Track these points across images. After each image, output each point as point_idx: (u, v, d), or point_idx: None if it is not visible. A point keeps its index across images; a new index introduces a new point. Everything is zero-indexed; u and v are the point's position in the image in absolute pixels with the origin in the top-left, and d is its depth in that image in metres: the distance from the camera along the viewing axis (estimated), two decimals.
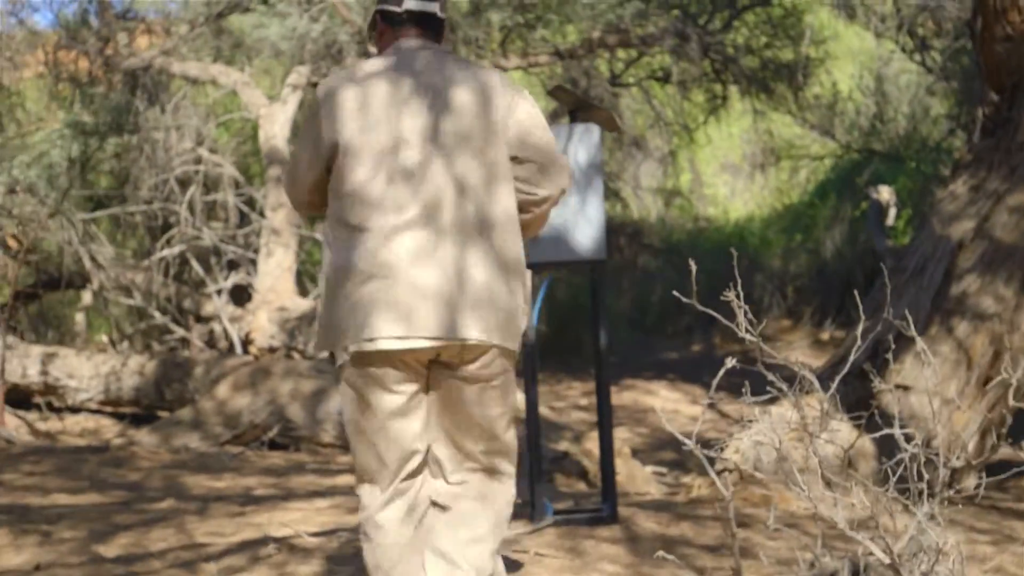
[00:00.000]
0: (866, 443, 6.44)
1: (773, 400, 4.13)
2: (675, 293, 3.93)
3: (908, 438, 3.71)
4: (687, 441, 3.67)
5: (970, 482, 6.15)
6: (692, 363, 15.43)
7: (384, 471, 3.46)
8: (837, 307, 16.07)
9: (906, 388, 6.67)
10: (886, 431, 3.71)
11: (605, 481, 5.78)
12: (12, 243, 11.91)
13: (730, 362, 3.65)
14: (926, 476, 3.56)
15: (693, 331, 16.86)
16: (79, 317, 14.35)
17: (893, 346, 5.47)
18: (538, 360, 5.74)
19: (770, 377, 3.76)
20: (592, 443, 7.52)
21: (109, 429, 9.73)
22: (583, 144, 5.44)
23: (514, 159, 3.54)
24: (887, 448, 6.14)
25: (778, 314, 16.80)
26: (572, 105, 5.62)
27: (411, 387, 3.41)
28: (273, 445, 8.23)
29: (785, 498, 5.95)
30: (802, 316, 16.58)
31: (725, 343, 16.70)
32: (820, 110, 14.95)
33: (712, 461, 3.77)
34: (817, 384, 4.03)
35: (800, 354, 15.60)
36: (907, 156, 15.42)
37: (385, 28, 3.70)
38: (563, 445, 7.55)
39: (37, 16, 35.69)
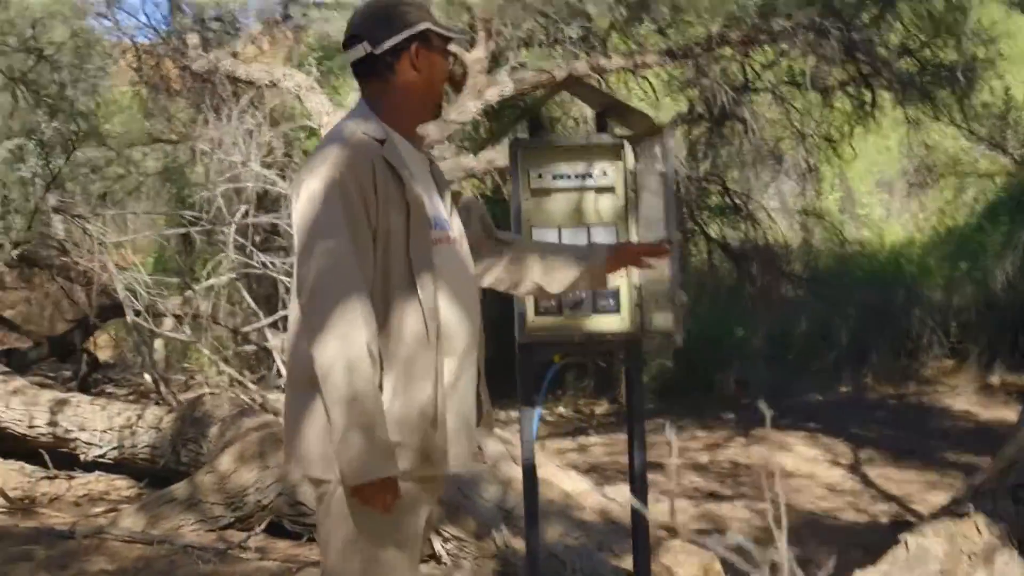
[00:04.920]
0: None
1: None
2: None
3: None
4: None
5: None
6: (838, 408, 13.59)
7: None
8: (1009, 346, 14.11)
9: None
10: None
11: None
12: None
13: None
14: None
15: (841, 369, 15.00)
16: (157, 345, 13.13)
17: None
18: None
19: None
20: (671, 556, 5.73)
21: (121, 493, 8.31)
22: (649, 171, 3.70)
23: None
24: None
25: (939, 353, 14.91)
26: (599, 105, 3.87)
27: None
28: (283, 531, 6.66)
29: None
30: (967, 356, 14.68)
31: (877, 384, 14.83)
32: (990, 120, 12.83)
33: None
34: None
35: (965, 401, 13.63)
36: None
37: None
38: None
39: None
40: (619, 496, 8.98)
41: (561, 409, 13.75)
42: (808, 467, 10.49)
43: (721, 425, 12.66)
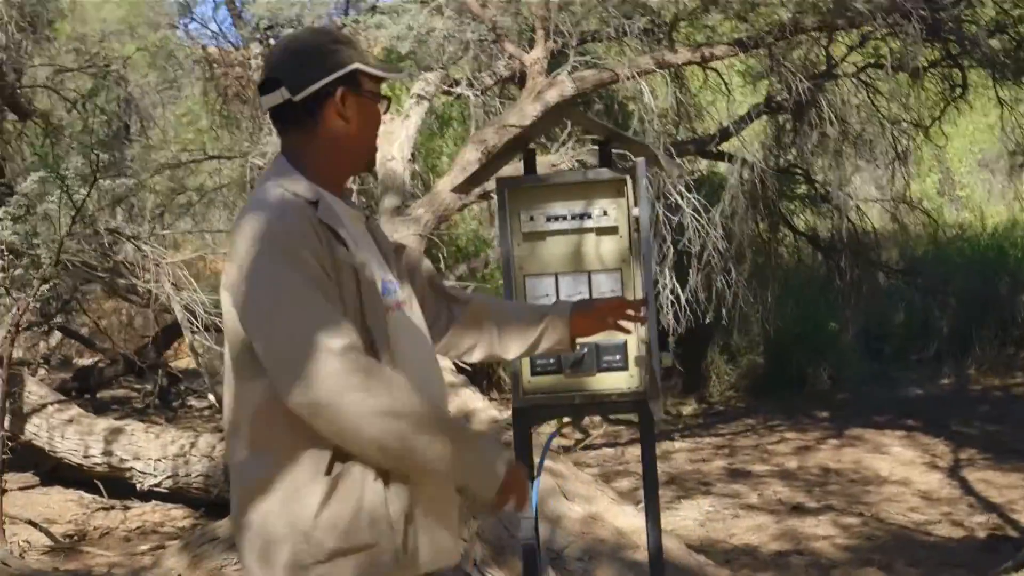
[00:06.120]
0: None
1: None
2: None
3: None
4: None
5: None
6: (939, 403, 12.97)
7: None
8: None
9: None
10: None
11: None
12: None
13: None
14: None
15: (942, 361, 14.37)
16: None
17: None
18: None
19: None
20: None
21: (176, 524, 8.10)
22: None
23: None
24: None
25: None
26: (600, 134, 3.43)
27: None
28: None
29: None
30: None
31: (982, 375, 14.18)
32: None
33: None
34: None
35: None
36: None
37: None
38: None
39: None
40: (691, 517, 8.58)
41: None
42: (903, 471, 9.92)
43: (813, 425, 12.11)
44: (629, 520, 5.82)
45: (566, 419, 3.43)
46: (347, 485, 2.52)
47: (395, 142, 9.16)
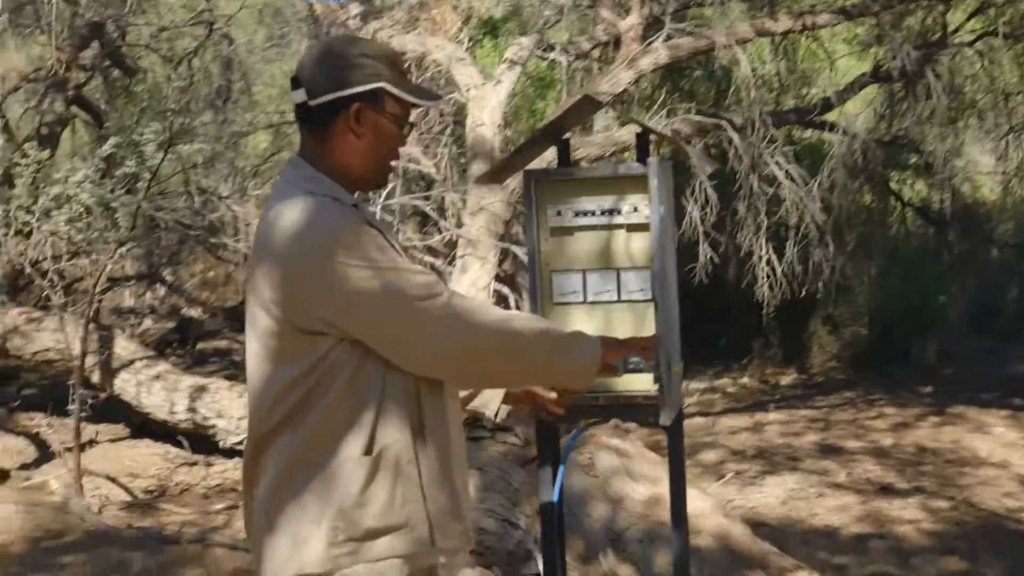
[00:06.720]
0: None
1: None
2: None
3: None
4: None
5: None
6: None
7: None
8: None
9: None
10: None
11: None
12: None
13: None
14: None
15: None
16: None
17: None
18: None
19: None
20: None
21: None
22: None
23: None
24: None
25: None
26: (637, 127, 3.29)
27: None
28: None
29: None
30: None
31: None
32: None
33: None
34: None
35: None
36: None
37: None
38: None
39: None
40: (773, 494, 8.42)
41: (745, 379, 13.11)
42: (1003, 454, 9.60)
43: (915, 401, 11.76)
44: (694, 504, 5.68)
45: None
46: (386, 465, 2.58)
47: (486, 108, 9.06)
